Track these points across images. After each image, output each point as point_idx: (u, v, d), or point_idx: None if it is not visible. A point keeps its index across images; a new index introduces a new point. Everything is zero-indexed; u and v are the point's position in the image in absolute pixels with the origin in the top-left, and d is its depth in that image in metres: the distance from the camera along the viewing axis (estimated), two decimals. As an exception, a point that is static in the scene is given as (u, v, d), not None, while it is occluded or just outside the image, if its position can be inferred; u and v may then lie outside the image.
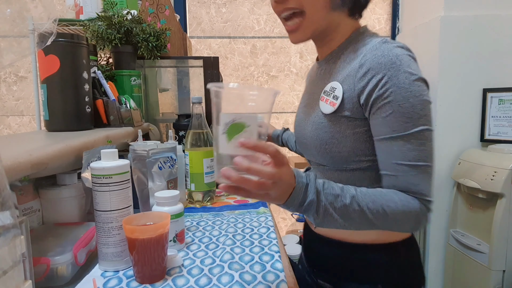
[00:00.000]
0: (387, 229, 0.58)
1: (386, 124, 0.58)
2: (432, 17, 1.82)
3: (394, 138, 0.58)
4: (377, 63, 0.58)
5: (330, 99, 0.65)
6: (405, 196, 0.58)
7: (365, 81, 0.60)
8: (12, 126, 2.17)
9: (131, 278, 0.57)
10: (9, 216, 0.39)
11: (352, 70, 0.63)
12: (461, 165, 1.72)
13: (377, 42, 0.62)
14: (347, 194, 0.54)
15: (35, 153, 0.57)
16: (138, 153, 0.79)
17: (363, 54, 0.62)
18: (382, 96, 0.58)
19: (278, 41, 2.22)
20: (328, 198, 0.53)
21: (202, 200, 0.96)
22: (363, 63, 0.60)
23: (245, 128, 0.47)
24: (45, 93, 0.89)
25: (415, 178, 0.58)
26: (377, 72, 0.58)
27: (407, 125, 0.57)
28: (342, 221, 0.54)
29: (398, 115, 0.57)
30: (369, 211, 0.54)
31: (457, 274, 1.77)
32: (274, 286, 0.55)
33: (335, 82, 0.65)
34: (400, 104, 0.57)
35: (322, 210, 0.52)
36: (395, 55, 0.58)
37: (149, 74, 1.54)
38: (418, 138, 0.57)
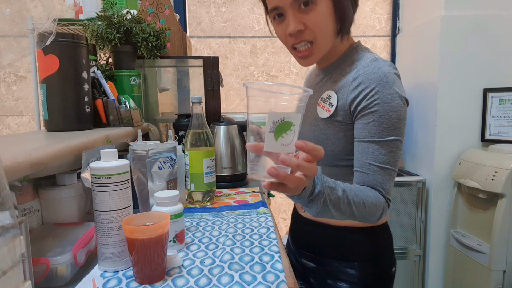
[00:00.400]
0: (360, 219, 0.67)
1: (366, 129, 0.70)
2: (433, 17, 1.82)
3: (371, 142, 0.70)
4: (368, 78, 0.70)
5: (326, 106, 0.77)
6: (375, 193, 0.69)
7: (356, 92, 0.71)
8: (12, 126, 2.17)
9: (131, 279, 0.57)
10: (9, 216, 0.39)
11: (346, 82, 0.74)
12: (462, 165, 1.72)
13: (369, 60, 0.73)
14: (339, 187, 0.62)
15: (35, 153, 0.57)
16: (137, 153, 0.78)
17: (356, 69, 0.73)
18: (367, 106, 0.69)
19: (278, 41, 2.21)
20: (327, 190, 0.59)
21: (202, 200, 0.96)
22: (356, 77, 0.72)
23: (291, 127, 0.48)
24: (44, 93, 0.89)
25: (382, 178, 0.70)
26: (367, 86, 0.70)
27: (382, 133, 0.69)
28: (334, 211, 0.61)
29: (377, 123, 0.69)
30: (353, 204, 0.63)
31: (457, 274, 1.77)
32: (274, 286, 0.55)
33: (331, 91, 0.77)
34: (380, 115, 0.69)
35: (322, 201, 0.58)
36: (383, 72, 0.70)
37: (148, 74, 1.54)
38: (389, 145, 0.69)
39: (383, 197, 0.70)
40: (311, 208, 0.59)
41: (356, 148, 0.73)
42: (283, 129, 0.47)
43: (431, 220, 1.87)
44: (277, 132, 0.47)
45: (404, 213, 1.87)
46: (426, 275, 1.93)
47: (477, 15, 1.73)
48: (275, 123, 0.47)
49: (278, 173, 0.47)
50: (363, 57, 0.75)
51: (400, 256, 1.89)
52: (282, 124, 0.47)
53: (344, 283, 0.81)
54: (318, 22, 0.70)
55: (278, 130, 0.47)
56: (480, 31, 1.74)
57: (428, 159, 1.87)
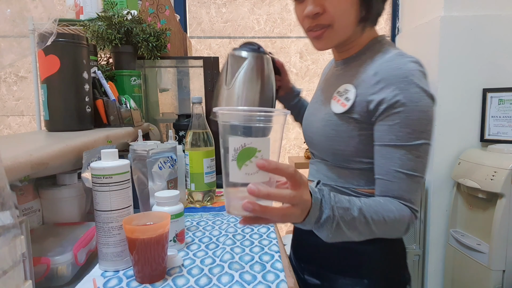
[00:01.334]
0: (383, 236, 0.61)
1: (391, 132, 0.62)
2: (432, 17, 1.82)
3: (397, 146, 0.62)
4: (391, 74, 0.62)
5: (342, 100, 0.69)
6: (399, 205, 0.61)
7: (377, 88, 0.63)
8: (12, 126, 2.17)
9: (131, 278, 0.57)
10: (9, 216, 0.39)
11: (366, 77, 0.66)
12: (461, 165, 1.72)
13: (393, 54, 0.65)
14: (354, 206, 0.55)
15: (35, 153, 0.57)
16: (138, 153, 0.79)
17: (378, 63, 0.66)
18: (392, 106, 0.61)
19: (278, 41, 2.22)
20: (340, 212, 0.53)
21: (202, 200, 0.96)
22: (378, 71, 0.64)
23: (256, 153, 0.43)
24: (45, 93, 0.89)
25: (409, 187, 0.62)
26: (390, 83, 0.62)
27: (410, 136, 0.61)
28: (349, 233, 0.55)
29: (404, 125, 0.61)
30: (373, 223, 0.57)
31: (457, 274, 1.77)
32: (274, 286, 0.55)
33: (348, 85, 0.69)
34: (407, 115, 0.61)
35: (335, 225, 0.53)
36: (408, 69, 0.62)
37: (149, 74, 1.54)
38: (418, 150, 0.61)
39: (409, 208, 0.62)
40: (321, 233, 0.54)
41: (379, 153, 0.64)
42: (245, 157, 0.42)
43: (430, 219, 1.87)
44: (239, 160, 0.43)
45: (404, 213, 1.87)
46: (425, 274, 1.93)
47: (476, 15, 1.73)
48: (236, 150, 0.42)
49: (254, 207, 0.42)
50: (386, 51, 0.68)
51: (400, 256, 1.89)
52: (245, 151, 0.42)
53: None
54: (339, 7, 0.65)
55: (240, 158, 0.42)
56: (480, 31, 1.74)
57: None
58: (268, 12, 2.19)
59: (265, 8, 2.19)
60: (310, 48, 2.21)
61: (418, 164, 0.62)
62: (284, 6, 2.18)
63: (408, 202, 0.62)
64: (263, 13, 2.20)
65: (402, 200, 0.62)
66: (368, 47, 0.72)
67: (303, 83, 2.26)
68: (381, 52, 0.69)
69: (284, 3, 2.17)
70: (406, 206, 0.62)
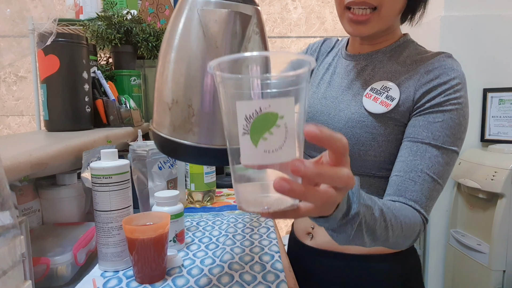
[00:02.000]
0: (391, 245, 0.53)
1: (429, 129, 0.58)
2: (432, 17, 1.82)
3: (432, 146, 0.57)
4: (447, 74, 0.59)
5: (382, 98, 0.62)
6: (413, 211, 0.55)
7: (432, 85, 0.59)
8: (12, 126, 2.17)
9: (131, 278, 0.57)
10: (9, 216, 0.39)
11: (414, 74, 0.62)
12: (461, 165, 1.72)
13: (444, 55, 0.62)
14: (376, 206, 0.46)
15: (35, 153, 0.57)
16: (138, 153, 0.79)
17: (429, 62, 0.62)
18: (442, 104, 0.58)
19: (278, 41, 2.22)
20: (364, 210, 0.43)
21: (202, 200, 0.96)
22: (431, 70, 0.60)
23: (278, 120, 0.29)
24: (45, 93, 0.89)
25: (430, 193, 0.57)
26: (445, 82, 0.59)
27: (447, 139, 0.57)
28: (366, 236, 0.45)
29: (445, 126, 0.57)
30: (391, 228, 0.49)
31: (457, 274, 1.77)
32: (274, 286, 0.55)
33: (388, 82, 0.63)
34: (452, 117, 0.58)
35: (357, 224, 0.42)
36: (462, 73, 0.60)
37: (149, 74, 1.53)
38: (449, 156, 0.58)
39: (421, 217, 0.56)
40: (341, 233, 0.42)
41: (408, 149, 0.59)
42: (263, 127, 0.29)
43: (430, 220, 1.87)
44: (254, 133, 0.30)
45: (404, 213, 1.87)
46: (425, 274, 1.93)
47: (477, 15, 1.73)
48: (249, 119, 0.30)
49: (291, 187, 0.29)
50: (430, 52, 0.64)
51: (400, 256, 1.89)
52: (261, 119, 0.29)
53: None
54: None
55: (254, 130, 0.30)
56: (480, 31, 1.74)
57: (428, 159, 1.87)
58: (268, 12, 2.19)
59: (265, 8, 2.19)
60: (310, 48, 2.21)
61: (445, 172, 0.58)
62: (284, 6, 2.17)
63: (423, 209, 0.56)
64: (263, 12, 2.19)
65: (418, 204, 0.56)
66: (400, 44, 0.68)
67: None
68: (423, 52, 0.65)
69: (284, 3, 2.17)
70: (419, 214, 0.56)
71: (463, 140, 0.59)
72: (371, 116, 0.62)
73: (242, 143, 0.30)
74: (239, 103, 0.30)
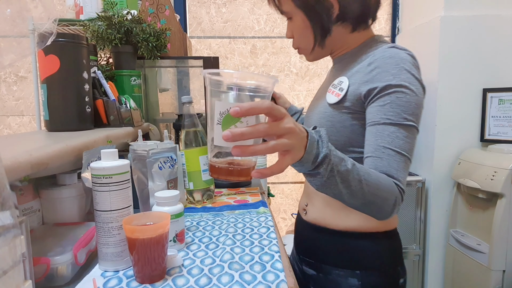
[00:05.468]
0: (371, 208, 0.60)
1: (382, 112, 0.65)
2: (432, 17, 1.82)
3: (387, 124, 0.64)
4: (385, 62, 0.67)
5: (336, 91, 0.74)
6: (387, 178, 0.61)
7: (371, 76, 0.68)
8: (12, 126, 2.17)
9: (131, 278, 0.57)
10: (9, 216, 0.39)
11: (361, 67, 0.72)
12: (461, 165, 1.72)
13: (386, 46, 0.71)
14: (348, 160, 0.54)
15: (35, 153, 0.57)
16: (138, 153, 0.79)
17: (372, 54, 0.71)
18: (383, 90, 0.66)
19: (278, 41, 2.22)
20: (335, 159, 0.51)
21: (202, 199, 0.96)
22: (372, 61, 0.69)
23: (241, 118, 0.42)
24: (45, 93, 0.89)
25: (398, 164, 0.63)
26: (383, 70, 0.67)
27: (400, 116, 0.64)
28: (342, 186, 0.53)
29: (394, 105, 0.64)
30: (365, 182, 0.56)
31: (457, 274, 1.77)
32: (274, 286, 0.55)
33: (342, 77, 0.74)
34: (398, 97, 0.65)
35: (329, 169, 0.50)
36: (401, 58, 0.67)
37: (149, 74, 1.54)
38: (407, 130, 0.64)
39: (396, 186, 0.61)
40: (316, 177, 0.51)
41: (369, 133, 0.67)
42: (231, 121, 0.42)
43: (430, 220, 1.87)
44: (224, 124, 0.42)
45: (403, 213, 1.87)
46: (425, 274, 1.93)
47: (476, 15, 1.73)
48: (222, 114, 0.42)
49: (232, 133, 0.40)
50: (380, 45, 0.73)
51: (400, 256, 1.90)
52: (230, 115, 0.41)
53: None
54: (297, 33, 0.78)
55: (225, 122, 0.42)
56: (480, 31, 1.74)
57: (428, 159, 1.87)
58: (268, 12, 2.19)
59: (265, 8, 2.19)
60: (310, 48, 2.21)
61: (406, 144, 0.64)
62: (284, 6, 2.17)
63: (396, 180, 0.62)
64: (263, 13, 2.20)
65: (390, 177, 0.62)
66: (363, 46, 0.77)
67: (303, 83, 2.26)
68: (374, 47, 0.74)
69: (284, 3, 2.17)
70: (394, 183, 0.61)
71: (418, 115, 0.66)
72: (330, 107, 0.74)
73: (216, 130, 0.43)
74: (217, 102, 0.42)
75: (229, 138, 0.40)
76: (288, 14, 0.77)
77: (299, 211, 0.93)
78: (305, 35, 0.77)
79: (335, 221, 0.78)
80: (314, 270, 0.82)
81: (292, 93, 2.25)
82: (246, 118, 0.42)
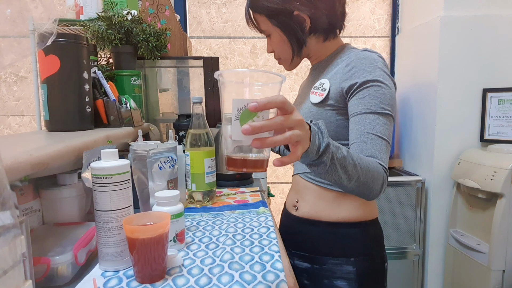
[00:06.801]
0: (364, 188, 0.66)
1: (362, 103, 0.74)
2: (432, 17, 1.82)
3: (368, 113, 0.73)
4: (360, 62, 0.77)
5: (319, 91, 0.83)
6: (375, 161, 0.68)
7: (350, 74, 0.77)
8: (12, 126, 2.17)
9: (131, 278, 0.57)
10: (10, 216, 0.39)
11: (339, 69, 0.81)
12: (461, 165, 1.72)
13: (360, 50, 0.82)
14: (343, 148, 0.60)
15: (36, 153, 0.57)
16: (138, 153, 0.79)
17: (347, 57, 0.82)
18: (362, 85, 0.75)
19: (278, 41, 2.21)
20: (333, 148, 0.57)
21: (203, 200, 0.96)
22: (349, 63, 0.79)
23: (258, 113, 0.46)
24: (45, 93, 0.89)
25: (380, 147, 0.71)
26: (360, 69, 0.76)
27: (378, 106, 0.73)
28: (341, 172, 0.60)
29: (372, 97, 0.74)
30: (359, 166, 0.62)
31: (457, 274, 1.77)
32: (274, 286, 0.55)
33: (323, 79, 0.84)
34: (375, 89, 0.74)
35: (330, 157, 0.56)
36: (373, 58, 0.77)
37: (149, 74, 1.54)
38: (385, 118, 0.73)
39: (382, 167, 0.69)
40: (319, 166, 0.57)
41: (353, 123, 0.75)
42: (248, 116, 0.46)
43: (430, 220, 1.87)
44: (242, 120, 0.46)
45: (403, 213, 1.88)
46: (425, 274, 1.94)
47: (476, 15, 1.73)
48: (239, 110, 0.46)
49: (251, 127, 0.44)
50: (353, 50, 0.84)
51: (400, 255, 1.90)
52: (247, 111, 0.45)
53: (341, 280, 0.80)
54: (277, 48, 0.89)
55: (243, 117, 0.46)
56: (480, 31, 1.74)
57: (428, 159, 1.87)
58: (268, 12, 2.19)
59: (265, 8, 2.18)
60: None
61: (386, 130, 0.73)
62: (284, 6, 2.17)
63: (380, 161, 0.70)
64: (263, 13, 2.19)
65: (375, 158, 0.70)
66: (336, 53, 0.88)
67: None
68: (347, 52, 0.85)
69: (284, 3, 2.17)
70: (379, 164, 0.69)
71: (393, 106, 0.75)
72: (315, 106, 0.83)
73: (234, 126, 0.46)
74: (234, 100, 0.46)
75: (249, 131, 0.44)
76: (267, 32, 0.87)
77: (287, 209, 0.97)
78: (283, 48, 0.87)
79: (327, 213, 0.84)
80: (308, 262, 0.86)
81: (292, 93, 2.25)
82: (262, 113, 0.46)
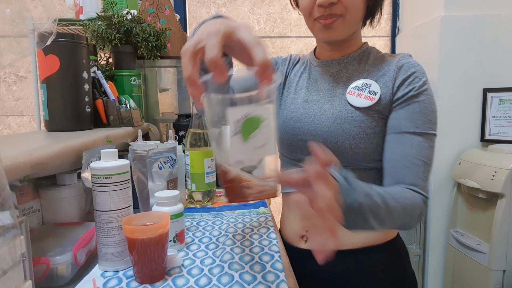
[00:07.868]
0: (397, 226, 0.61)
1: (411, 120, 0.65)
2: (432, 17, 1.82)
3: (417, 134, 0.65)
4: (417, 69, 0.68)
5: (366, 94, 0.69)
6: (411, 193, 0.62)
7: (407, 74, 0.68)
8: (12, 126, 2.17)
9: (131, 278, 0.57)
10: (9, 216, 0.39)
11: (388, 71, 0.70)
12: (461, 165, 1.72)
13: (403, 55, 0.72)
14: (373, 191, 0.53)
15: (35, 153, 0.57)
16: (138, 153, 0.79)
17: (397, 59, 0.71)
18: (416, 96, 0.66)
19: (278, 41, 2.21)
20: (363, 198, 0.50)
21: (202, 200, 0.96)
22: (401, 65, 0.69)
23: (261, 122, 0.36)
24: (45, 93, 0.89)
25: (424, 175, 0.63)
26: (419, 75, 0.67)
27: (427, 126, 0.65)
28: (373, 220, 0.52)
29: (423, 115, 0.65)
30: (394, 209, 0.55)
31: (457, 274, 1.77)
32: (274, 286, 0.55)
33: (367, 80, 0.70)
34: (426, 106, 0.66)
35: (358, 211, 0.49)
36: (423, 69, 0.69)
37: (149, 74, 1.54)
38: (431, 140, 0.65)
39: (421, 196, 0.62)
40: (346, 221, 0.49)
41: (396, 140, 0.66)
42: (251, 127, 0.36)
43: (430, 220, 1.87)
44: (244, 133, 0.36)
45: (404, 213, 1.87)
46: (425, 274, 1.93)
47: (477, 15, 1.73)
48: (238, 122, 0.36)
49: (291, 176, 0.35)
50: (389, 54, 0.75)
51: (400, 256, 1.89)
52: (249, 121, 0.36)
53: None
54: None
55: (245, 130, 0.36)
56: (480, 31, 1.74)
57: (428, 159, 1.87)
58: (268, 12, 2.19)
59: (265, 8, 2.18)
60: (310, 48, 2.20)
61: (431, 154, 0.65)
62: (284, 6, 2.17)
63: (422, 190, 0.63)
64: (263, 12, 2.20)
65: (417, 187, 0.62)
66: (365, 49, 0.76)
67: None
68: (384, 54, 0.75)
69: (284, 3, 2.17)
70: (418, 194, 0.62)
71: (437, 124, 0.67)
72: (358, 111, 0.68)
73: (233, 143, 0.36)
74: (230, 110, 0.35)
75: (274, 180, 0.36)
76: None
77: (289, 242, 0.81)
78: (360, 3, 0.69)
79: (349, 239, 0.71)
80: None
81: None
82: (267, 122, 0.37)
